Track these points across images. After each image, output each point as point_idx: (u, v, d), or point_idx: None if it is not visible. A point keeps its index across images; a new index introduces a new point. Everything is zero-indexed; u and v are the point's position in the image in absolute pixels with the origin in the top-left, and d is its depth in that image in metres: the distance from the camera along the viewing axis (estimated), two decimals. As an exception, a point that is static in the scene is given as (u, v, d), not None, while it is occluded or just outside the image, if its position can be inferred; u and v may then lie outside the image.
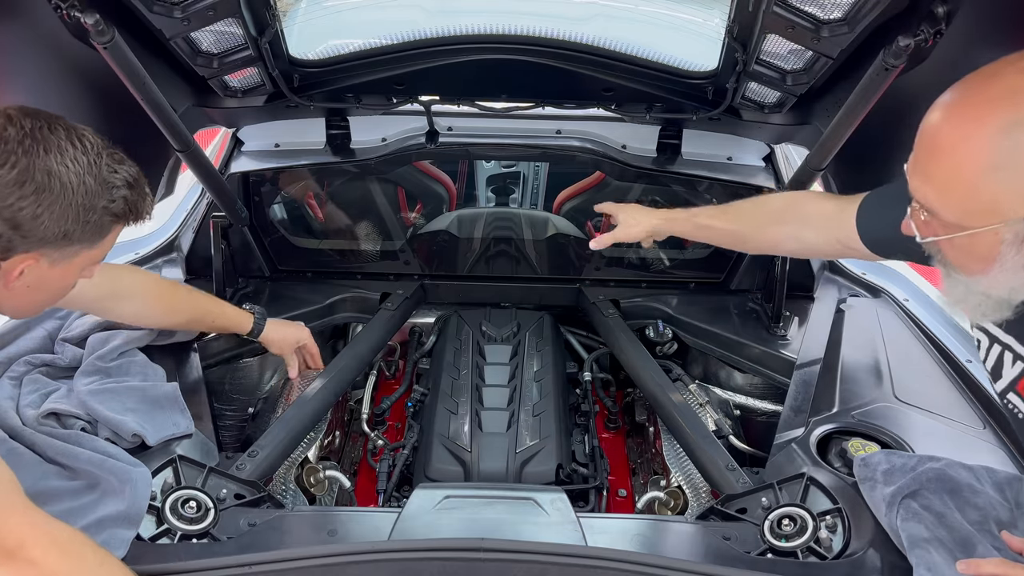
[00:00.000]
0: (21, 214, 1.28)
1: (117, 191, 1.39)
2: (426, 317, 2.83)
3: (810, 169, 2.14)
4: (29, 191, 1.27)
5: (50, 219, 1.31)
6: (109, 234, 1.44)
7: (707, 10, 2.12)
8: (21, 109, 1.34)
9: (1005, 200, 1.08)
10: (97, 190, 1.35)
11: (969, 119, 1.09)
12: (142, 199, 1.45)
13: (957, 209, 1.13)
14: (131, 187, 1.42)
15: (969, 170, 1.09)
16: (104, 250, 1.48)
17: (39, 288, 1.42)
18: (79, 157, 1.33)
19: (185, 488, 1.60)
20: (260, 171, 2.59)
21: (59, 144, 1.32)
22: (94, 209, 1.36)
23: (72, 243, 1.37)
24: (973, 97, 1.10)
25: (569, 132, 2.58)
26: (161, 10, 1.72)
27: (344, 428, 2.57)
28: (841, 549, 1.54)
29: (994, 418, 1.98)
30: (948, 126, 1.11)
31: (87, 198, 1.34)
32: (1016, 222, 1.08)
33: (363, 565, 1.43)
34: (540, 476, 2.02)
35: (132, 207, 1.43)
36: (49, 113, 1.37)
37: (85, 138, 1.36)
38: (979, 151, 1.07)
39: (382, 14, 2.33)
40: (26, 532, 1.26)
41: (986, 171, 1.07)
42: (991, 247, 1.12)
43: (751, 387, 2.46)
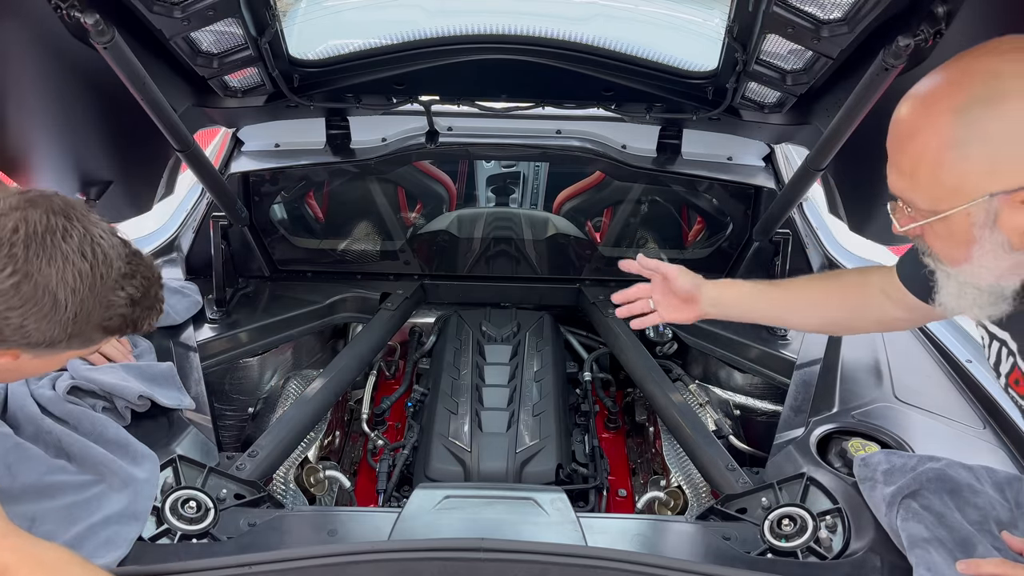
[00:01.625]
0: (7, 323, 1.23)
1: (116, 309, 1.32)
2: (426, 317, 2.83)
3: (810, 169, 2.14)
4: (17, 303, 1.22)
5: (36, 330, 1.25)
6: (100, 341, 1.38)
7: (707, 10, 2.12)
8: (48, 203, 1.27)
9: (970, 178, 1.10)
10: (94, 307, 1.28)
11: (928, 104, 1.12)
12: (145, 315, 1.38)
13: (927, 195, 1.15)
14: (134, 304, 1.34)
15: (931, 152, 1.11)
16: (95, 349, 1.42)
17: (18, 372, 1.38)
18: (84, 270, 1.26)
19: (185, 488, 1.60)
20: (260, 171, 2.59)
21: (66, 254, 1.24)
22: (87, 324, 1.29)
23: (56, 349, 1.31)
24: (931, 84, 1.13)
25: (569, 132, 2.58)
26: (161, 10, 1.72)
27: (344, 428, 2.57)
28: (841, 549, 1.54)
29: (994, 418, 1.98)
30: (910, 114, 1.14)
31: (81, 315, 1.27)
32: (984, 200, 1.10)
33: (363, 565, 1.43)
34: (540, 476, 2.02)
35: (130, 323, 1.36)
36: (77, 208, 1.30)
37: (100, 247, 1.29)
38: (938, 132, 1.09)
39: (382, 14, 2.33)
40: (8, 556, 1.24)
41: (947, 150, 1.09)
42: (966, 230, 1.14)
43: (751, 387, 2.46)
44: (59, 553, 1.30)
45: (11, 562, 1.23)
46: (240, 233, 2.59)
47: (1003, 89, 1.05)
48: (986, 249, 1.14)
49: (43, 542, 1.30)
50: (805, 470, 1.74)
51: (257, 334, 2.41)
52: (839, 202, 2.43)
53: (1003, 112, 1.05)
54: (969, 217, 1.12)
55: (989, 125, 1.06)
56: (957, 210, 1.12)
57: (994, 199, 1.09)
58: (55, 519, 1.51)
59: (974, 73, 1.08)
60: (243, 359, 2.42)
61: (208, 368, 2.19)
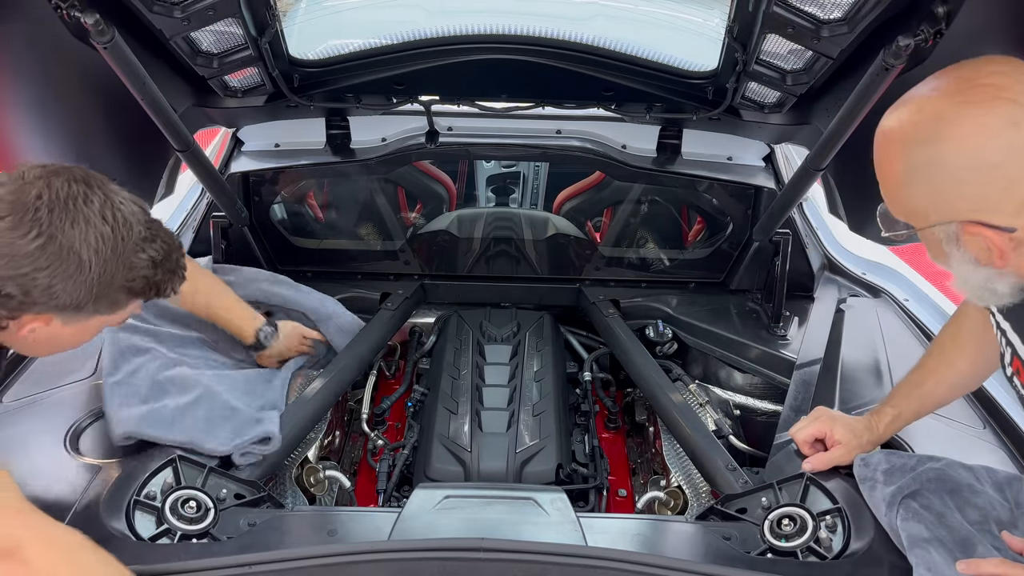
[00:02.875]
0: (34, 283, 1.28)
1: (138, 271, 1.38)
2: (426, 317, 2.83)
3: (810, 169, 2.14)
4: (44, 264, 1.28)
5: (63, 291, 1.31)
6: (128, 306, 1.44)
7: (707, 10, 2.12)
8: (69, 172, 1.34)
9: (921, 207, 1.19)
10: (117, 269, 1.35)
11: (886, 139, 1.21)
12: (168, 278, 1.45)
13: (898, 212, 1.25)
14: (156, 267, 1.41)
15: (890, 181, 1.22)
16: (122, 317, 1.48)
17: (50, 343, 1.44)
18: (105, 232, 1.32)
19: (185, 488, 1.60)
20: (260, 171, 2.59)
21: (88, 217, 1.31)
22: (111, 285, 1.36)
23: (84, 312, 1.37)
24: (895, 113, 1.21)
25: (569, 132, 2.58)
26: (161, 10, 1.72)
27: (344, 428, 2.57)
28: (841, 549, 1.54)
29: (994, 418, 1.98)
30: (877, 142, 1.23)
31: (105, 275, 1.34)
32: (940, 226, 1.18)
33: (363, 565, 1.43)
34: (540, 476, 2.02)
35: (153, 286, 1.43)
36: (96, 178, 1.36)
37: (120, 212, 1.35)
38: (892, 166, 1.20)
39: (382, 14, 2.34)
40: (22, 533, 1.27)
41: (899, 184, 1.20)
42: (936, 245, 1.23)
43: (751, 387, 2.46)
44: (72, 535, 1.33)
45: (25, 538, 1.27)
46: (240, 233, 2.59)
47: (943, 136, 1.12)
48: (958, 262, 1.22)
49: (58, 523, 1.34)
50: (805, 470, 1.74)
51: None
52: (839, 202, 2.44)
53: (941, 157, 1.13)
54: (935, 235, 1.20)
55: (930, 168, 1.14)
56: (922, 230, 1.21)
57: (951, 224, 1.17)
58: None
59: (924, 114, 1.16)
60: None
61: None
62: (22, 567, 1.25)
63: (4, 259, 1.26)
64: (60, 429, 1.77)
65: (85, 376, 1.96)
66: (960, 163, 1.12)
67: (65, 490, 1.59)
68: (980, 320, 1.62)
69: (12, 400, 1.90)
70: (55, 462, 1.68)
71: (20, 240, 1.26)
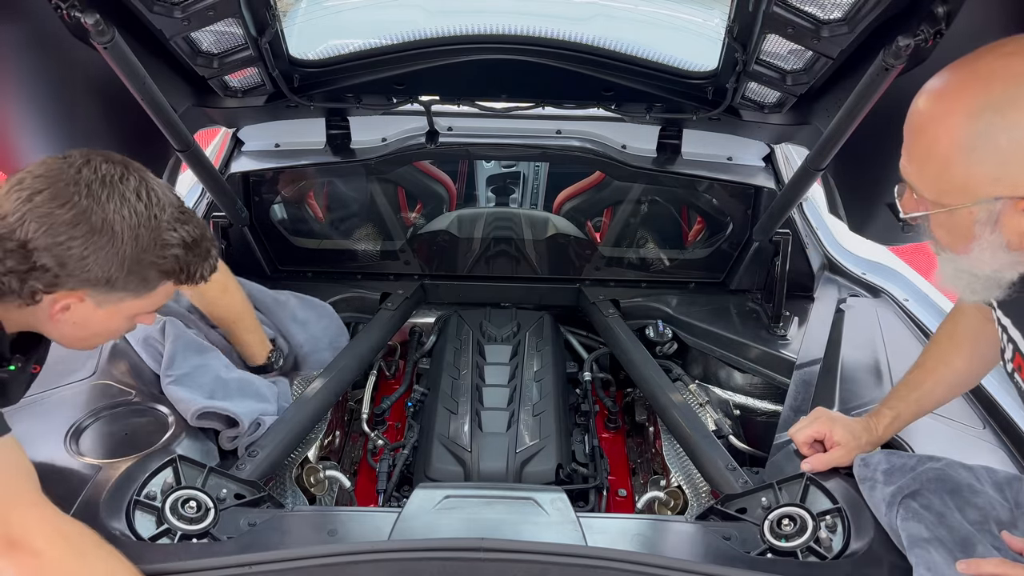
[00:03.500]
0: (69, 253, 1.32)
1: (169, 249, 1.41)
2: (426, 317, 2.83)
3: (810, 169, 2.14)
4: (79, 233, 1.32)
5: (95, 263, 1.34)
6: (158, 288, 1.46)
7: (707, 10, 2.12)
8: (108, 155, 1.39)
9: (975, 180, 1.12)
10: (149, 244, 1.38)
11: (944, 100, 1.14)
12: (198, 262, 1.47)
13: (933, 187, 1.17)
14: (187, 248, 1.43)
15: (942, 149, 1.13)
16: (153, 302, 1.49)
17: (84, 326, 1.45)
18: (139, 209, 1.36)
19: (185, 488, 1.60)
20: (260, 171, 2.59)
21: (123, 194, 1.36)
22: (142, 262, 1.38)
23: (116, 289, 1.39)
24: (951, 80, 1.15)
25: (569, 132, 2.58)
26: (161, 10, 1.72)
27: (344, 428, 2.57)
28: (841, 549, 1.54)
29: (994, 418, 1.98)
30: (926, 106, 1.17)
31: (136, 250, 1.36)
32: (987, 202, 1.12)
33: (363, 565, 1.43)
34: (540, 476, 2.02)
35: (183, 267, 1.45)
36: (135, 164, 1.42)
37: (155, 193, 1.40)
38: (950, 132, 1.12)
39: (382, 14, 2.34)
40: (33, 524, 1.30)
41: (957, 151, 1.12)
42: (967, 227, 1.17)
43: (751, 387, 2.46)
44: (81, 529, 1.36)
45: (34, 528, 1.30)
46: (240, 233, 2.59)
47: (1017, 96, 1.07)
48: (984, 246, 1.17)
49: (68, 517, 1.37)
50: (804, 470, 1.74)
51: (257, 334, 2.40)
52: (839, 202, 2.43)
53: (1015, 121, 1.07)
54: (972, 215, 1.15)
55: (1000, 134, 1.08)
56: (960, 208, 1.14)
57: (998, 202, 1.11)
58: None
59: (992, 77, 1.10)
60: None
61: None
62: (33, 559, 1.28)
63: (43, 228, 1.30)
64: (60, 429, 1.77)
65: (86, 376, 1.96)
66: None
67: (65, 490, 1.58)
68: (976, 317, 1.62)
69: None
70: (55, 462, 1.68)
71: (58, 210, 1.30)
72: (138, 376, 2.00)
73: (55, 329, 1.46)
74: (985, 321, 1.58)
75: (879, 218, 2.30)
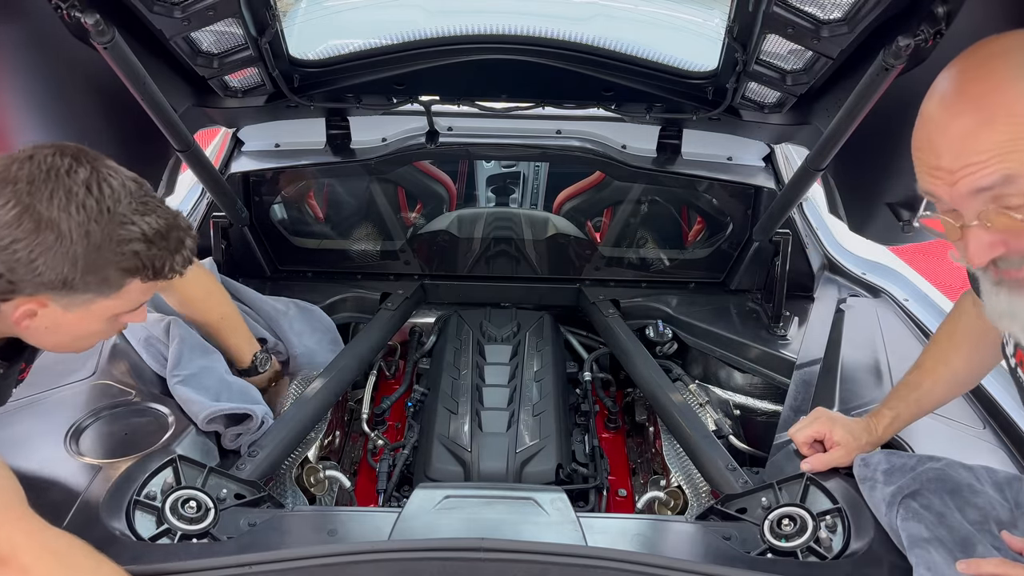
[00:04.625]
0: (15, 257, 1.24)
1: (128, 245, 1.31)
2: (426, 317, 2.83)
3: (810, 169, 2.14)
4: (23, 234, 1.24)
5: (45, 265, 1.26)
6: (125, 287, 1.37)
7: (707, 10, 2.12)
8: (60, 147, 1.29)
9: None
10: (103, 241, 1.28)
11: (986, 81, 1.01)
12: (165, 256, 1.37)
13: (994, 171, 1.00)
14: (149, 242, 1.33)
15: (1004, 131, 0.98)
16: (127, 302, 1.41)
17: (57, 331, 1.39)
18: (88, 204, 1.26)
19: (185, 488, 1.60)
20: (260, 171, 2.59)
21: (69, 188, 1.26)
22: (98, 260, 1.29)
23: (76, 291, 1.31)
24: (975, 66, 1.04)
25: (569, 132, 2.58)
26: (161, 10, 1.72)
27: (344, 428, 2.57)
28: (841, 549, 1.54)
29: (994, 418, 1.98)
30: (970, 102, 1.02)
31: (88, 248, 1.27)
32: None
33: (363, 565, 1.43)
34: (540, 476, 2.02)
35: (148, 263, 1.35)
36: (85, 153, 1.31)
37: (108, 183, 1.29)
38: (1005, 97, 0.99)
39: (382, 14, 2.34)
40: (19, 539, 1.26)
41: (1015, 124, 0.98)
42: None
43: (751, 387, 2.46)
44: (70, 542, 1.32)
45: (21, 543, 1.25)
46: (240, 233, 2.59)
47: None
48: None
49: (55, 529, 1.32)
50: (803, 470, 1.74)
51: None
52: (839, 202, 2.43)
53: None
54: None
55: None
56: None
57: None
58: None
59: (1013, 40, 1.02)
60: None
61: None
62: (20, 574, 1.24)
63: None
64: (60, 429, 1.77)
65: (86, 376, 1.96)
66: None
67: (65, 490, 1.59)
68: (977, 317, 1.62)
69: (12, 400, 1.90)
70: (55, 462, 1.68)
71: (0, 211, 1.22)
72: (138, 376, 2.00)
73: (31, 336, 1.40)
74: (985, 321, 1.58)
75: (879, 218, 2.30)
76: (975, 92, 1.02)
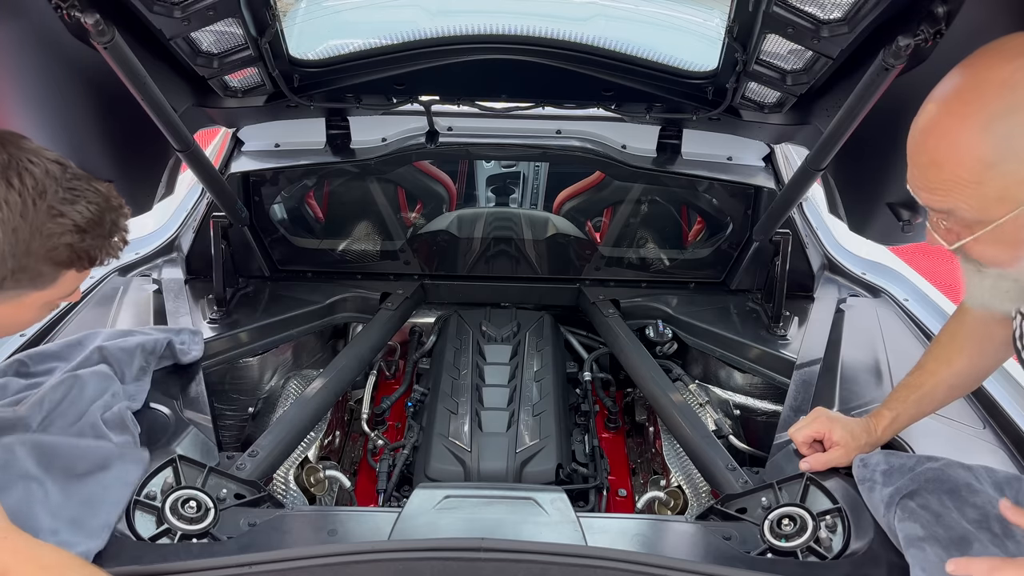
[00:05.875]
0: None
1: (60, 238, 1.23)
2: (426, 317, 2.84)
3: (810, 169, 2.14)
4: None
5: None
6: (60, 278, 1.31)
7: (707, 10, 2.12)
8: None
9: (1012, 188, 1.11)
10: (30, 237, 1.21)
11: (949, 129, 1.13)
12: (100, 244, 1.29)
13: (972, 207, 1.15)
14: (82, 232, 1.26)
15: (967, 174, 1.12)
16: (63, 290, 1.35)
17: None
18: (11, 200, 1.18)
19: (185, 488, 1.60)
20: (260, 171, 2.59)
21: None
22: (28, 257, 1.22)
23: (7, 289, 1.25)
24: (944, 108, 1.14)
25: (569, 132, 2.58)
26: (161, 10, 1.72)
27: (344, 428, 2.57)
28: (841, 549, 1.54)
29: (994, 418, 1.98)
30: (932, 141, 1.15)
31: (17, 247, 1.20)
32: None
33: (363, 565, 1.43)
34: (540, 476, 2.02)
35: (83, 253, 1.28)
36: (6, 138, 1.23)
37: (29, 174, 1.21)
38: (970, 154, 1.11)
39: (382, 14, 2.33)
40: (8, 558, 1.23)
41: (984, 169, 1.11)
42: (1014, 233, 1.15)
43: (751, 387, 2.46)
44: (58, 555, 1.30)
45: (11, 563, 1.22)
46: (240, 233, 2.59)
47: (1015, 101, 1.07)
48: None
49: (43, 543, 1.30)
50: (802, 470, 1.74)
51: (257, 334, 2.41)
52: (839, 202, 2.44)
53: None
54: (1017, 221, 1.14)
55: (1015, 140, 1.08)
56: (1007, 218, 1.13)
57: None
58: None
59: (986, 88, 1.10)
60: (243, 359, 2.42)
61: (208, 368, 2.19)
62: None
63: None
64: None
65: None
66: None
67: (65, 490, 1.59)
68: (981, 318, 1.62)
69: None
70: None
71: None
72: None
73: None
74: (991, 320, 1.58)
75: (879, 218, 2.30)
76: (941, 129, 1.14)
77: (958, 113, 1.12)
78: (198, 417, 1.93)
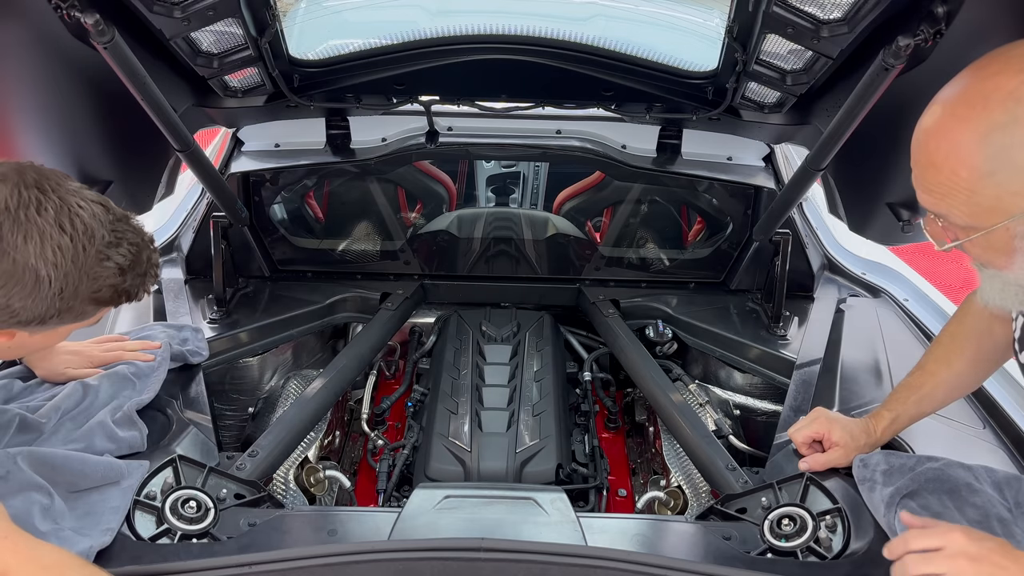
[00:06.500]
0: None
1: (104, 280, 1.28)
2: (426, 317, 2.83)
3: (810, 169, 2.14)
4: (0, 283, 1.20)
5: (23, 309, 1.23)
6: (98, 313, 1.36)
7: (707, 10, 2.12)
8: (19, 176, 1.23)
9: (1005, 199, 1.13)
10: (80, 281, 1.25)
11: (949, 134, 1.14)
12: (139, 283, 1.35)
13: (964, 213, 1.17)
14: (124, 273, 1.31)
15: (963, 181, 1.14)
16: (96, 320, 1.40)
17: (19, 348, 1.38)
18: (64, 244, 1.22)
19: (185, 488, 1.60)
20: (260, 171, 2.59)
21: (43, 229, 1.20)
22: (75, 298, 1.27)
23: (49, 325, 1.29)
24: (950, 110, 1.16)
25: (569, 132, 2.58)
26: (161, 10, 1.72)
27: (344, 428, 2.57)
28: (841, 549, 1.54)
29: (994, 418, 1.98)
30: (932, 143, 1.17)
31: (67, 289, 1.24)
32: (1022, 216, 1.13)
33: (363, 565, 1.43)
34: (540, 476, 2.02)
35: (123, 293, 1.33)
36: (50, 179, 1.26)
37: (79, 218, 1.24)
38: (966, 162, 1.13)
39: (382, 14, 2.34)
40: (9, 558, 1.24)
41: (979, 178, 1.13)
42: (1007, 243, 1.17)
43: (751, 387, 2.46)
44: (59, 555, 1.30)
45: (11, 564, 1.23)
46: (240, 233, 2.59)
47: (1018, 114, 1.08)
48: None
49: (43, 543, 1.30)
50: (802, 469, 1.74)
51: (257, 334, 2.41)
52: (839, 202, 2.44)
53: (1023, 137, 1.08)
54: (1009, 231, 1.16)
55: (1015, 151, 1.09)
56: (998, 227, 1.15)
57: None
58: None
59: (991, 97, 1.11)
60: (243, 359, 2.42)
61: (208, 368, 2.19)
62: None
63: None
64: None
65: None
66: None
67: (65, 490, 1.59)
68: (981, 319, 1.62)
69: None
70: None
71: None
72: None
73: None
74: (992, 320, 1.58)
75: (879, 218, 2.30)
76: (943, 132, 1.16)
77: (961, 118, 1.13)
78: (198, 417, 1.93)
